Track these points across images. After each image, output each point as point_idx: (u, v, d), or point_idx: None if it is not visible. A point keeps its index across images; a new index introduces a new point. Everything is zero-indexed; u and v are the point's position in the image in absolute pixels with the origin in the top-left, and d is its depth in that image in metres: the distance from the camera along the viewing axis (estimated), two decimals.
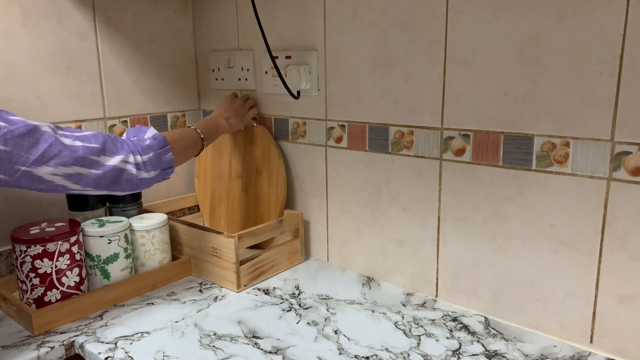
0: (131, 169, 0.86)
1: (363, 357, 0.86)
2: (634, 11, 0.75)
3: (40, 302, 0.96)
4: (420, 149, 1.03)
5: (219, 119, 1.15)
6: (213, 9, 1.36)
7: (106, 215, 1.19)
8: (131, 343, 0.91)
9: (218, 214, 1.37)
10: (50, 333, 0.94)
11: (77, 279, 1.00)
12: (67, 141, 0.80)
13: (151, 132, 0.92)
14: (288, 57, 1.19)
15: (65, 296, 0.98)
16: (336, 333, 0.94)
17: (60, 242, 0.96)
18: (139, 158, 0.87)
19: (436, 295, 1.06)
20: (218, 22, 1.36)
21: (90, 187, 0.83)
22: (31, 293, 0.96)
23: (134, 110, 1.32)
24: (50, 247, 0.95)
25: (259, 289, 1.11)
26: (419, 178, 1.04)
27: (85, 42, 1.20)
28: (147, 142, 0.90)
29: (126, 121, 1.30)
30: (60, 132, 0.82)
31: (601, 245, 0.84)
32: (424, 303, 1.05)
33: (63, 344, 0.91)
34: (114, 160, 0.84)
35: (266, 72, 1.25)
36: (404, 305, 1.04)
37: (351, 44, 1.09)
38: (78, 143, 0.81)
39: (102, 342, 0.91)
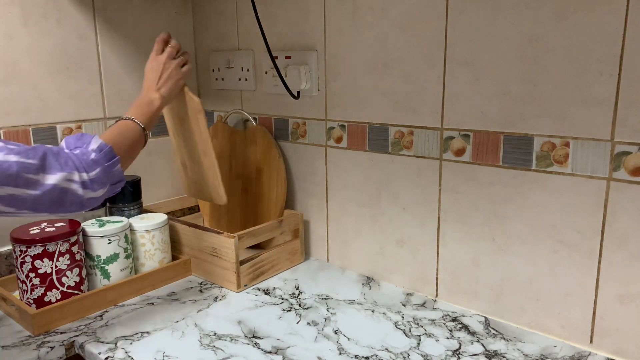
0: (77, 188, 0.75)
1: (363, 357, 0.86)
2: (634, 11, 0.75)
3: (40, 302, 0.96)
4: (420, 149, 1.03)
5: (151, 94, 0.96)
6: (213, 9, 1.36)
7: (106, 215, 1.19)
8: (131, 343, 0.91)
9: (218, 214, 1.37)
10: (50, 333, 0.94)
11: (77, 279, 1.00)
12: None
13: (96, 142, 0.80)
14: (288, 57, 1.19)
15: (65, 296, 0.98)
16: (336, 333, 0.94)
17: (60, 242, 0.96)
18: (84, 175, 0.76)
19: (436, 295, 1.06)
20: (218, 22, 1.36)
21: (26, 210, 0.72)
22: (31, 293, 0.96)
23: None
24: (50, 247, 0.95)
25: (259, 289, 1.11)
26: (419, 178, 1.04)
27: (85, 42, 1.21)
28: (93, 155, 0.78)
29: None
30: None
31: (601, 245, 0.84)
32: (424, 303, 1.05)
33: (63, 344, 0.91)
34: (55, 179, 0.72)
35: (266, 72, 1.25)
36: (404, 305, 1.04)
37: (351, 44, 1.09)
38: (12, 158, 0.69)
39: (102, 342, 0.91)
